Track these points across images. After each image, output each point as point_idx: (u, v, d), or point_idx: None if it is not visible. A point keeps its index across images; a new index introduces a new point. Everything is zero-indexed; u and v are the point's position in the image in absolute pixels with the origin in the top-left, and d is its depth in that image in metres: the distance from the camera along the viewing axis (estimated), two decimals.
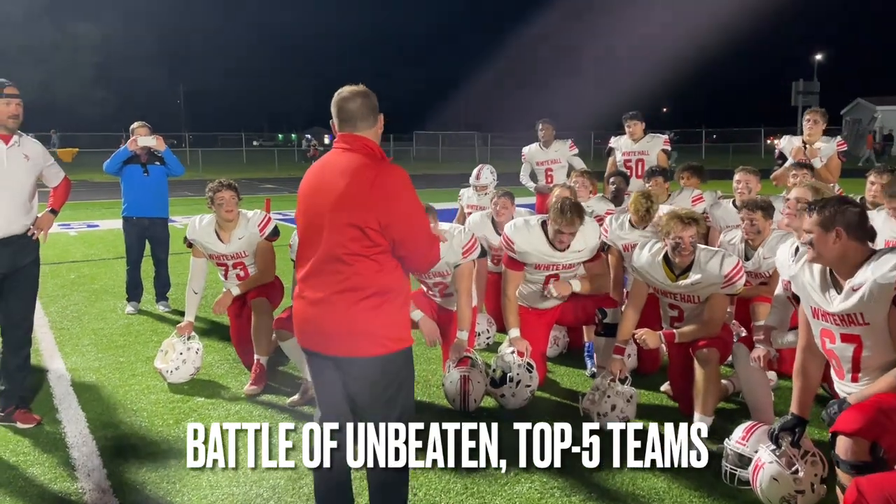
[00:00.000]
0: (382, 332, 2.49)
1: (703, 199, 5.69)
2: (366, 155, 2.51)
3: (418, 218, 2.51)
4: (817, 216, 2.74)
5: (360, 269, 2.45)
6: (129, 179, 6.48)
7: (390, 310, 2.50)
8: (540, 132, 7.74)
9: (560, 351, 5.23)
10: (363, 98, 2.55)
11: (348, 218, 2.43)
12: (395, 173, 2.47)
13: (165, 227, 6.75)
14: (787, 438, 2.94)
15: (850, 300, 2.69)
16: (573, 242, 4.33)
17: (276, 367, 4.95)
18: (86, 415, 4.22)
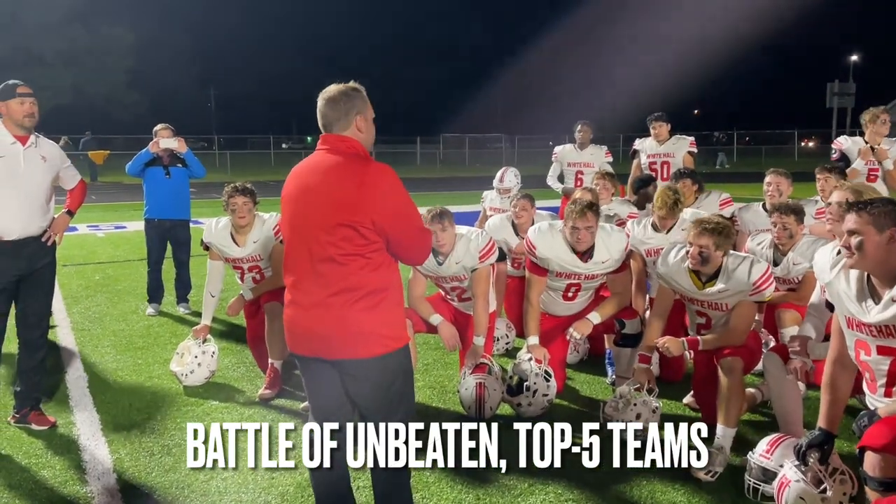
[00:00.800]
0: (382, 330, 2.49)
1: (731, 202, 5.49)
2: (350, 155, 2.50)
3: (409, 213, 2.53)
4: (867, 215, 2.56)
5: (354, 268, 2.44)
6: (152, 181, 6.50)
7: (387, 308, 2.50)
8: (578, 133, 7.55)
9: (580, 357, 5.11)
10: (341, 99, 2.53)
11: (340, 218, 2.42)
12: (382, 171, 2.47)
13: (187, 228, 6.74)
14: (814, 455, 2.79)
15: (890, 310, 2.54)
16: (597, 253, 4.19)
17: (291, 371, 4.90)
18: (100, 417, 4.21)
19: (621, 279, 4.35)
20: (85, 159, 24.00)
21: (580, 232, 4.11)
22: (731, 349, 3.60)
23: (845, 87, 38.78)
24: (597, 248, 4.20)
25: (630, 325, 4.30)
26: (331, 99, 2.53)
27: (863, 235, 2.56)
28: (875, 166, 5.94)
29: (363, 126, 2.55)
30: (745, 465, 3.24)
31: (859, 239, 2.57)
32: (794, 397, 3.52)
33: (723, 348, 3.63)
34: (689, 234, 3.76)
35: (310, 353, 2.55)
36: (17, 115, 3.84)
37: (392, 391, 2.55)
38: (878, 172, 5.94)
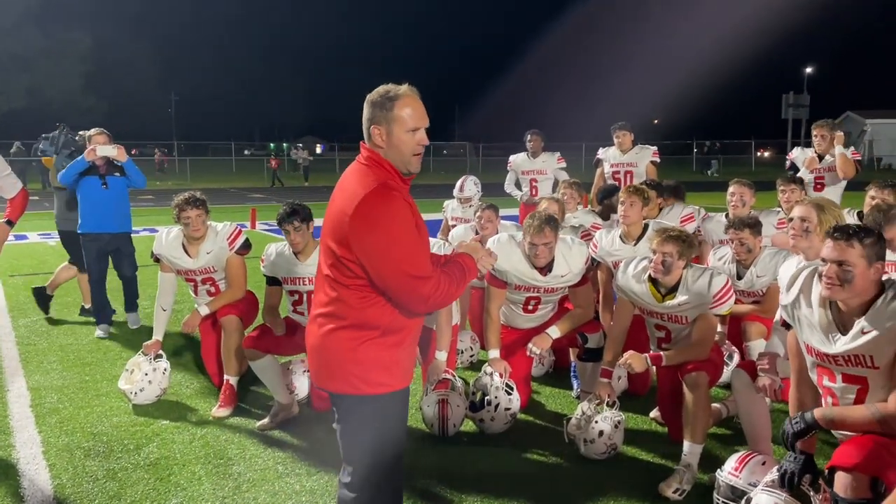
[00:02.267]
0: (355, 370, 2.21)
1: (693, 218, 5.44)
2: (362, 173, 2.23)
3: (399, 252, 2.13)
4: (862, 248, 2.44)
5: (341, 295, 2.22)
6: (87, 192, 5.93)
7: (369, 349, 2.21)
8: (528, 142, 7.64)
9: (546, 370, 5.02)
10: (366, 104, 2.27)
11: (330, 242, 2.23)
12: (375, 199, 2.12)
13: (129, 241, 6.25)
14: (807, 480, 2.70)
15: (859, 340, 2.46)
16: (556, 266, 4.10)
17: (248, 388, 4.73)
18: (42, 439, 3.98)
19: (583, 292, 4.26)
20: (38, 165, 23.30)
21: (538, 248, 4.00)
22: (694, 364, 3.54)
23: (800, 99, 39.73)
24: (556, 261, 4.11)
25: (593, 339, 4.22)
26: (369, 99, 2.26)
27: (854, 268, 2.45)
28: (821, 174, 6.08)
29: (382, 140, 2.22)
30: (713, 482, 3.18)
31: (851, 272, 2.45)
32: (763, 414, 3.47)
33: (686, 363, 3.57)
34: (652, 242, 3.70)
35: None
36: None
37: (359, 437, 2.27)
38: (823, 181, 6.07)
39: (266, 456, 3.75)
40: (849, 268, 2.45)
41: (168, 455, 3.76)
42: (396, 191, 2.18)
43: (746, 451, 3.21)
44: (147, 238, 12.56)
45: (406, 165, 2.26)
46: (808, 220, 3.33)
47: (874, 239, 2.49)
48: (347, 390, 2.24)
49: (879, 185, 4.64)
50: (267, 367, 4.20)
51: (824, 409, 2.56)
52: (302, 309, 4.35)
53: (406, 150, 2.23)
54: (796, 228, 3.35)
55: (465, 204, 6.52)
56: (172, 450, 3.83)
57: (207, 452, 3.79)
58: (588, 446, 3.66)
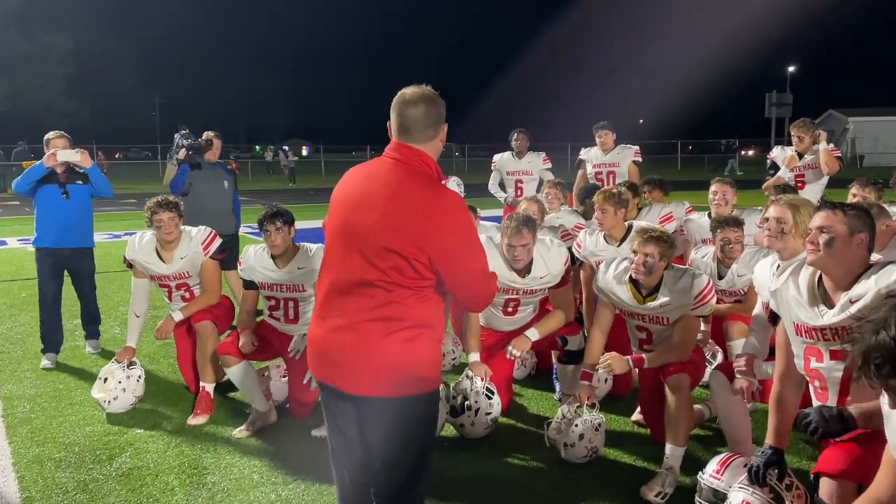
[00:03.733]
0: (415, 370, 2.16)
1: (672, 218, 5.41)
2: (421, 173, 2.18)
3: (475, 253, 2.19)
4: (842, 215, 2.52)
5: (398, 297, 2.13)
6: (45, 202, 5.27)
7: (424, 346, 2.17)
8: (514, 142, 7.54)
9: (528, 372, 4.98)
10: (428, 104, 2.20)
11: (392, 244, 2.11)
12: (454, 203, 2.15)
13: (90, 258, 5.59)
14: (772, 473, 2.68)
15: (846, 312, 2.45)
16: (535, 268, 4.03)
17: (224, 395, 4.64)
18: (11, 449, 3.88)
19: (562, 294, 4.20)
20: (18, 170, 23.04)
21: (515, 250, 3.93)
22: (676, 366, 3.50)
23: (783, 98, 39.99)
24: (535, 263, 4.05)
25: (573, 341, 4.16)
26: (426, 98, 2.20)
27: (833, 234, 2.50)
28: (801, 172, 6.11)
29: (441, 137, 2.26)
30: (695, 484, 3.14)
31: (829, 237, 2.50)
32: (742, 416, 3.43)
33: (668, 365, 3.53)
34: (633, 242, 3.66)
35: (325, 378, 2.25)
36: None
37: (411, 440, 2.21)
38: (803, 178, 6.09)
39: (242, 465, 3.67)
40: (831, 234, 2.49)
41: (141, 465, 3.68)
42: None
43: (728, 453, 3.18)
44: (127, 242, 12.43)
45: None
46: (784, 220, 3.30)
47: (858, 212, 2.54)
48: (406, 392, 2.16)
49: (862, 183, 4.64)
50: (243, 374, 4.12)
51: (860, 405, 2.47)
52: (278, 314, 4.27)
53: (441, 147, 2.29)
54: (772, 229, 3.32)
55: None
56: (146, 459, 3.75)
57: (182, 462, 3.71)
58: (568, 450, 3.61)
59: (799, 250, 3.24)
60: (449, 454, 3.80)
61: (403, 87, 2.25)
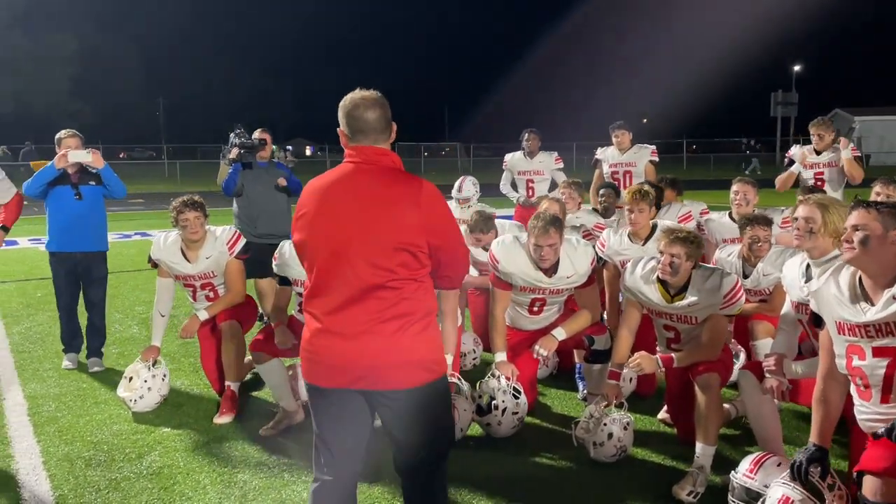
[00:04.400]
0: (430, 356, 2.31)
1: (691, 217, 5.40)
2: (395, 170, 2.30)
3: (459, 233, 2.41)
4: (875, 212, 2.54)
5: (408, 293, 2.24)
6: (57, 204, 5.08)
7: (433, 332, 2.33)
8: (525, 142, 7.52)
9: (550, 372, 4.98)
10: (381, 107, 2.30)
11: (399, 241, 2.20)
12: (435, 191, 2.30)
13: (103, 262, 5.38)
14: (815, 470, 2.68)
15: (890, 308, 2.47)
16: (561, 268, 4.04)
17: (248, 394, 4.66)
18: (41, 449, 3.90)
19: (589, 293, 4.21)
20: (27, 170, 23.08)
21: (543, 250, 3.94)
22: (705, 365, 3.50)
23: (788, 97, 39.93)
24: (561, 262, 4.06)
25: (599, 340, 4.17)
26: (375, 105, 2.28)
27: (868, 231, 2.52)
28: (821, 171, 6.10)
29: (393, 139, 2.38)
30: (726, 483, 3.15)
31: (864, 234, 2.52)
32: (772, 415, 3.44)
33: (697, 364, 3.54)
34: (659, 243, 3.66)
35: (338, 384, 2.27)
36: None
37: (437, 420, 2.37)
38: (823, 176, 6.08)
39: (272, 463, 3.69)
40: (866, 232, 2.52)
41: (171, 463, 3.70)
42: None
43: (761, 452, 3.18)
44: (140, 242, 12.48)
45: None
46: (813, 220, 3.29)
47: (892, 209, 2.55)
48: (426, 378, 2.28)
49: (885, 181, 4.63)
50: (274, 371, 4.14)
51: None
52: None
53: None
54: (800, 228, 3.32)
55: (463, 205, 6.47)
56: (175, 458, 3.76)
57: (211, 460, 3.73)
58: (597, 449, 3.61)
59: (828, 249, 3.25)
60: (475, 454, 3.81)
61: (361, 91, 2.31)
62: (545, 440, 3.97)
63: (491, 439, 3.95)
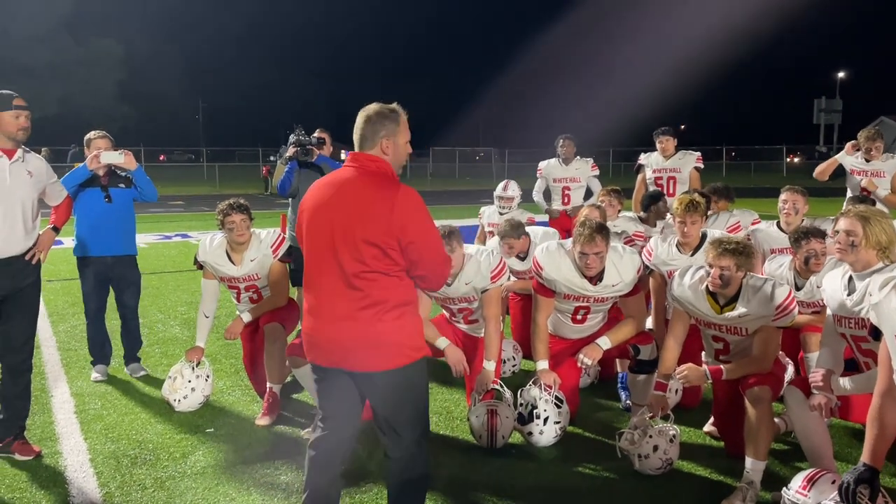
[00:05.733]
0: (406, 341, 2.57)
1: (740, 227, 5.27)
2: (379, 175, 2.56)
3: (434, 238, 2.61)
4: None
5: (382, 284, 2.52)
6: (86, 206, 4.94)
7: (410, 320, 2.59)
8: (560, 148, 7.40)
9: (591, 381, 4.92)
10: (374, 119, 2.59)
11: (370, 238, 2.48)
12: (411, 195, 2.54)
13: (134, 267, 5.22)
14: (863, 492, 2.60)
15: None
16: (607, 276, 3.98)
17: (289, 396, 4.69)
18: (88, 446, 3.97)
19: (634, 302, 4.14)
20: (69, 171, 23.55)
21: (588, 258, 3.88)
22: (756, 378, 3.42)
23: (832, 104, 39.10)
24: (607, 270, 3.99)
25: (645, 350, 4.10)
26: (367, 117, 2.59)
27: None
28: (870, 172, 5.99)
29: (389, 150, 2.60)
30: (777, 500, 3.06)
31: None
32: (821, 431, 3.33)
33: (748, 376, 3.45)
34: (707, 255, 3.57)
35: (330, 363, 2.62)
36: (11, 129, 3.63)
37: (413, 402, 2.65)
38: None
39: None
40: None
41: (215, 464, 3.73)
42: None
43: (813, 469, 3.09)
44: (180, 243, 12.69)
45: (398, 170, 2.65)
46: (854, 233, 3.19)
47: None
48: (402, 362, 2.56)
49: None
50: (310, 375, 4.12)
51: None
52: None
53: (403, 157, 2.66)
54: (842, 242, 3.21)
55: (505, 204, 6.41)
56: (219, 458, 3.80)
57: (254, 461, 3.75)
58: (643, 462, 3.55)
59: (871, 262, 3.14)
60: (517, 463, 3.77)
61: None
62: (588, 450, 3.91)
63: (532, 448, 3.90)
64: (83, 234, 5.03)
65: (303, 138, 5.31)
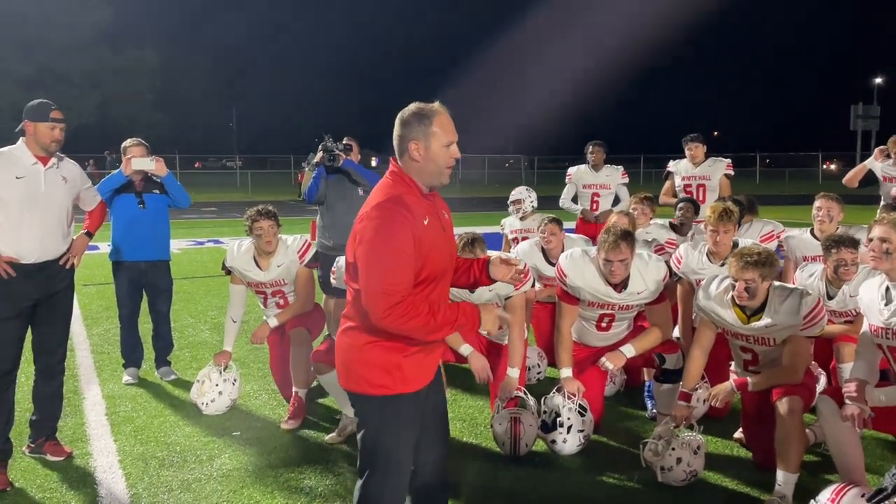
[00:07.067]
0: (359, 369, 2.40)
1: (773, 236, 5.18)
2: (383, 187, 2.41)
3: (375, 264, 2.26)
4: None
5: (354, 300, 2.40)
6: (121, 212, 5.07)
7: (372, 350, 2.36)
8: (590, 155, 7.37)
9: (617, 389, 4.87)
10: (400, 122, 2.42)
11: (349, 253, 2.40)
12: (378, 212, 2.30)
13: (167, 272, 5.33)
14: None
15: None
16: (632, 283, 3.94)
17: (315, 400, 4.73)
18: (117, 448, 4.04)
19: (660, 311, 4.09)
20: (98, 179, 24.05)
21: (613, 265, 3.85)
22: (787, 388, 3.36)
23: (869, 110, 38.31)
24: (632, 278, 3.96)
25: (670, 359, 4.05)
26: (398, 119, 2.42)
27: None
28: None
29: (418, 154, 2.37)
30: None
31: None
32: (853, 443, 3.26)
33: (777, 387, 3.39)
34: (730, 268, 3.51)
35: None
36: (45, 140, 3.72)
37: (360, 435, 2.46)
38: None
39: (337, 470, 3.72)
40: None
41: (240, 467, 3.77)
42: (405, 207, 2.30)
43: (842, 482, 3.03)
44: (212, 249, 12.87)
45: (439, 178, 2.41)
46: (889, 240, 3.12)
47: None
48: (354, 388, 2.43)
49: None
50: (334, 381, 4.16)
51: None
52: None
53: (442, 163, 2.38)
54: (876, 250, 3.15)
55: (516, 207, 6.38)
56: (244, 461, 3.84)
57: (279, 465, 3.79)
58: (666, 474, 3.51)
59: None
60: (540, 471, 3.75)
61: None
62: (612, 459, 3.88)
63: (555, 456, 3.88)
64: (118, 238, 5.14)
65: (329, 144, 5.31)
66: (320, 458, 3.88)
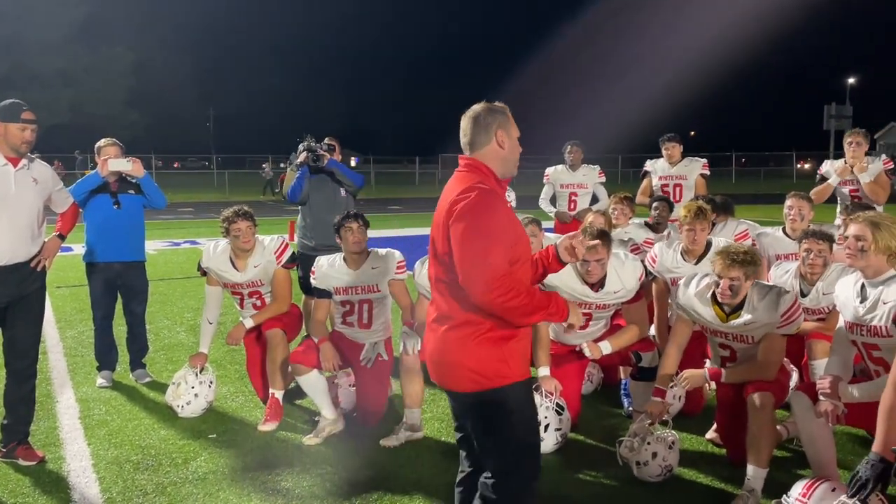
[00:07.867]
0: (472, 365, 2.34)
1: (748, 235, 5.25)
2: (461, 178, 2.42)
3: (480, 243, 2.25)
4: None
5: (454, 295, 2.35)
6: (96, 213, 4.98)
7: (482, 343, 2.34)
8: (568, 154, 7.40)
9: (594, 388, 4.90)
10: (483, 113, 2.45)
11: (436, 246, 2.40)
12: (472, 195, 2.31)
13: (142, 273, 5.26)
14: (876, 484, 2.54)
15: None
16: (609, 282, 3.98)
17: (292, 402, 4.70)
18: (91, 451, 3.99)
19: (637, 309, 4.13)
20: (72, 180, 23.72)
21: (590, 264, 3.88)
22: (759, 384, 3.40)
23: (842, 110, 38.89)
24: (609, 277, 3.99)
25: (646, 357, 4.09)
26: (473, 115, 2.45)
27: None
28: (855, 186, 5.88)
29: (504, 140, 2.43)
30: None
31: None
32: (827, 438, 3.30)
33: (750, 383, 3.44)
34: (715, 266, 3.55)
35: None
36: (15, 141, 3.67)
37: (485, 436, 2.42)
38: (858, 193, 5.86)
39: (314, 472, 3.70)
40: None
41: (216, 469, 3.74)
42: (493, 191, 2.36)
43: (813, 477, 3.07)
44: (189, 250, 12.75)
45: (514, 166, 2.49)
46: (863, 238, 3.17)
47: None
48: (470, 387, 2.36)
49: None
50: (313, 382, 4.17)
51: None
52: (352, 319, 4.35)
53: (517, 152, 2.49)
54: (852, 247, 3.20)
55: None
56: (220, 464, 3.81)
57: (255, 467, 3.76)
58: (641, 469, 3.54)
59: (882, 268, 3.12)
60: None
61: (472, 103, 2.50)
62: (589, 457, 3.90)
63: None
64: (92, 239, 5.07)
65: (312, 144, 5.27)
66: (298, 459, 3.86)
